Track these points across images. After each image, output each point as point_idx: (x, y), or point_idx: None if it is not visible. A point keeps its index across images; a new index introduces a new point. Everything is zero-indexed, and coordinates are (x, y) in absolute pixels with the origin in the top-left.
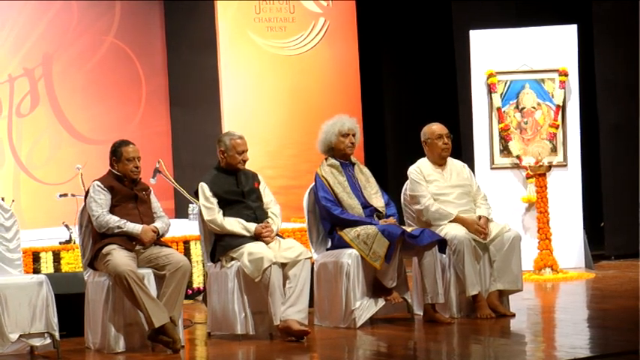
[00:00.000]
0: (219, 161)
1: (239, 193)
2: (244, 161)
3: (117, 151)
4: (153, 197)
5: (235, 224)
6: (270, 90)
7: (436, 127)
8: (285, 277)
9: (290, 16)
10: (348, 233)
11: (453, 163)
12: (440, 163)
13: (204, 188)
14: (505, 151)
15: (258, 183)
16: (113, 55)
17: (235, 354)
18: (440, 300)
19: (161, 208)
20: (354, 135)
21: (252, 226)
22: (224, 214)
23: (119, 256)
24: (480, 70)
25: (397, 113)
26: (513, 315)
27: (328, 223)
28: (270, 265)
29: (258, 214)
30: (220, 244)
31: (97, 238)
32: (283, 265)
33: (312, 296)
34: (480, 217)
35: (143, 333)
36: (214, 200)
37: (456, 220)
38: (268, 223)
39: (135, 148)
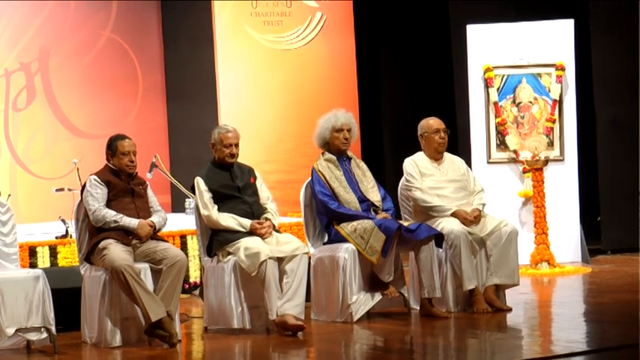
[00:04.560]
0: (214, 156)
1: (234, 187)
2: (232, 155)
3: (112, 145)
4: (149, 192)
5: (230, 220)
6: (267, 84)
7: (433, 122)
8: (282, 272)
9: (287, 11)
10: (345, 228)
11: (450, 158)
12: (436, 157)
13: (199, 183)
14: (502, 145)
15: (255, 178)
16: (110, 49)
17: (232, 348)
18: (437, 294)
19: (158, 203)
20: (349, 130)
21: (247, 222)
22: (220, 209)
23: (116, 251)
24: (477, 64)
25: (394, 108)
26: (510, 309)
27: (325, 217)
28: (266, 260)
29: (254, 209)
30: (217, 239)
31: (93, 233)
32: (280, 260)
33: (309, 291)
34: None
35: (140, 327)
36: (210, 195)
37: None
38: (267, 219)
39: (131, 142)
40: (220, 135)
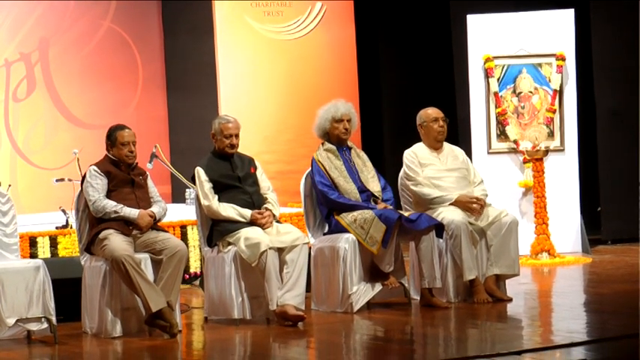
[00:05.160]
0: (215, 146)
1: (235, 177)
2: (232, 145)
3: (112, 136)
4: (150, 182)
5: (231, 210)
6: (267, 75)
7: (432, 111)
8: (283, 262)
9: (287, 1)
10: (345, 218)
11: (450, 148)
12: (436, 147)
13: (199, 173)
14: (502, 135)
15: (255, 168)
16: (110, 39)
17: (232, 338)
18: (437, 284)
19: (158, 193)
20: (348, 120)
21: (248, 213)
22: (220, 199)
23: (116, 241)
24: (477, 54)
25: (394, 98)
26: (510, 299)
27: (325, 207)
28: (267, 250)
29: (254, 199)
30: (217, 229)
31: (93, 223)
32: (280, 250)
33: (309, 281)
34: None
35: (140, 318)
36: (210, 185)
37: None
38: (267, 209)
39: (130, 132)
40: (221, 125)
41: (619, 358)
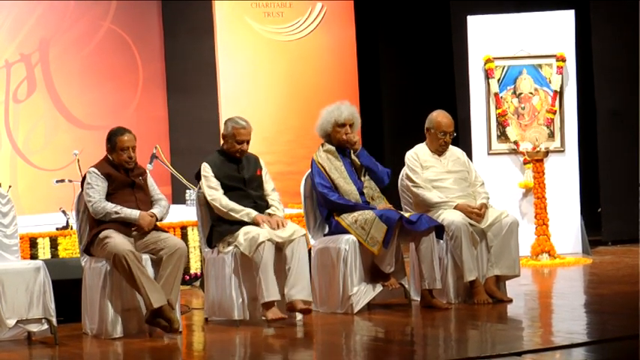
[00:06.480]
0: (224, 146)
1: (240, 179)
2: (242, 151)
3: (112, 140)
4: (150, 180)
5: (235, 204)
6: (268, 75)
7: (443, 123)
8: (283, 258)
9: (287, 2)
10: (346, 219)
11: (451, 150)
12: (437, 151)
13: (206, 168)
14: (502, 136)
15: (261, 169)
16: (110, 40)
17: (232, 339)
18: (437, 285)
19: (159, 191)
20: (351, 125)
21: (253, 213)
22: None
23: (118, 238)
24: (478, 55)
25: (394, 98)
26: (510, 300)
27: (325, 209)
28: (264, 242)
29: (258, 203)
30: (217, 230)
31: (93, 224)
32: (279, 249)
33: (310, 282)
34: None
35: (141, 318)
36: (216, 180)
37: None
38: (271, 214)
39: (130, 136)
40: (234, 130)
41: (619, 359)
